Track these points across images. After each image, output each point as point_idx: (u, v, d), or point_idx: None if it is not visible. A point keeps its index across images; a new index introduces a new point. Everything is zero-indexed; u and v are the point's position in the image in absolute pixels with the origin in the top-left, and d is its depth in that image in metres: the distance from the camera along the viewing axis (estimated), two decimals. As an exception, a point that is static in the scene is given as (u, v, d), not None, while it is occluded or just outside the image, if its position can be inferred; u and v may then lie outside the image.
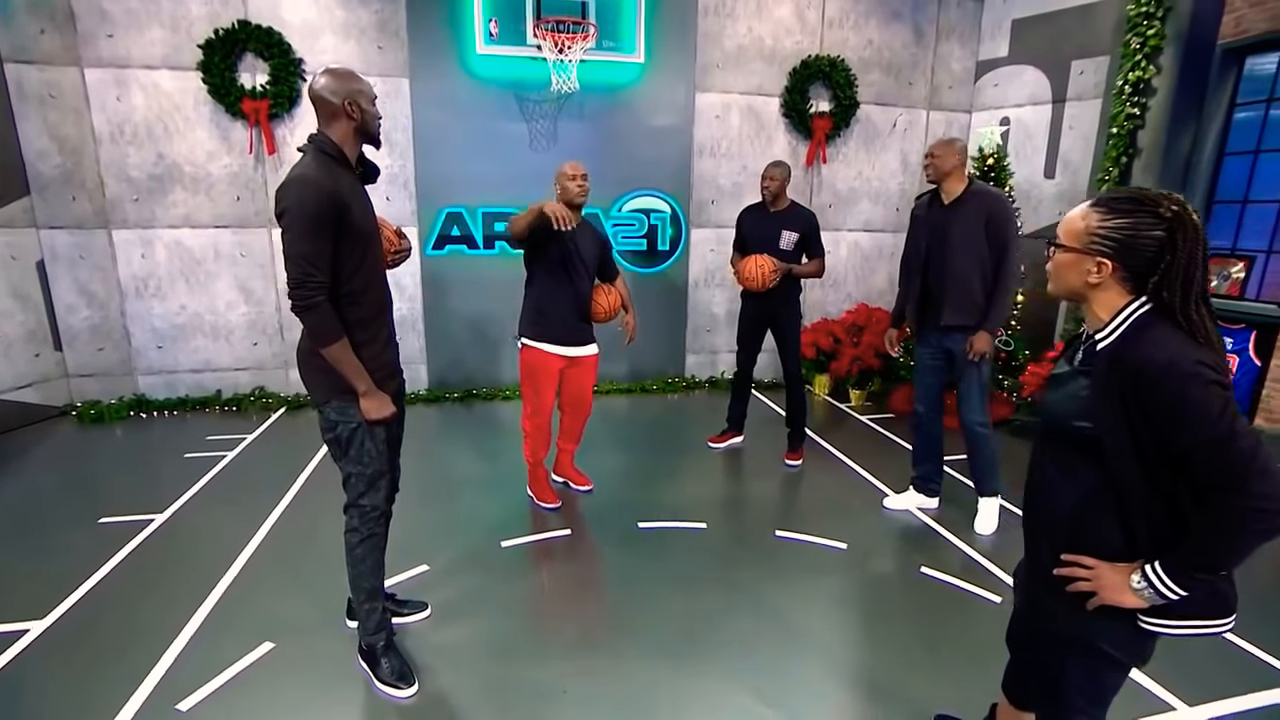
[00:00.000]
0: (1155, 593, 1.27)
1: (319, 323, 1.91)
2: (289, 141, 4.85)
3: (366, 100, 2.01)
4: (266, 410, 5.04)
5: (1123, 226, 1.28)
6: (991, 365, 3.21)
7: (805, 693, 2.27)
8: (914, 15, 5.83)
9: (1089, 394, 1.33)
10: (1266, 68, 4.63)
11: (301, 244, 1.86)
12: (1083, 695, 1.46)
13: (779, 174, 3.89)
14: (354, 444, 2.09)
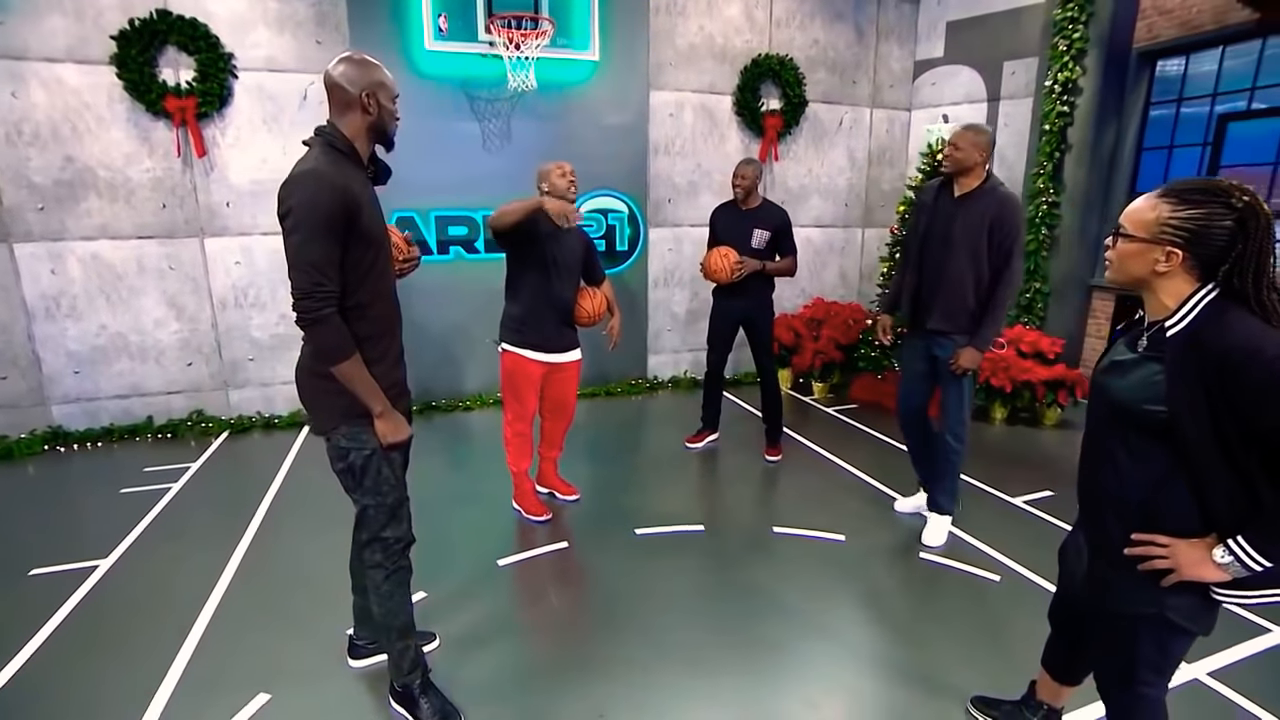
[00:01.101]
0: (1241, 565, 1.31)
1: (329, 337, 1.72)
2: (220, 144, 4.47)
3: (388, 96, 1.83)
4: (206, 435, 4.63)
5: (1196, 217, 1.31)
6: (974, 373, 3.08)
7: (842, 689, 2.26)
8: (855, 16, 6.00)
9: (1163, 379, 1.36)
10: (1176, 70, 5.03)
11: (310, 248, 1.66)
12: (1151, 668, 1.51)
13: (750, 172, 3.87)
14: (369, 472, 1.90)
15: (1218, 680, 2.30)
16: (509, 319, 3.18)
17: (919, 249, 3.09)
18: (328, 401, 1.85)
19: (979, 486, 3.81)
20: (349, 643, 2.35)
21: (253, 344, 4.77)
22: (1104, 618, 1.57)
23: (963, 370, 2.97)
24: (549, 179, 3.13)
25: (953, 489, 3.23)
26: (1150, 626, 1.47)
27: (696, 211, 5.89)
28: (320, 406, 1.88)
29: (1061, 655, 1.89)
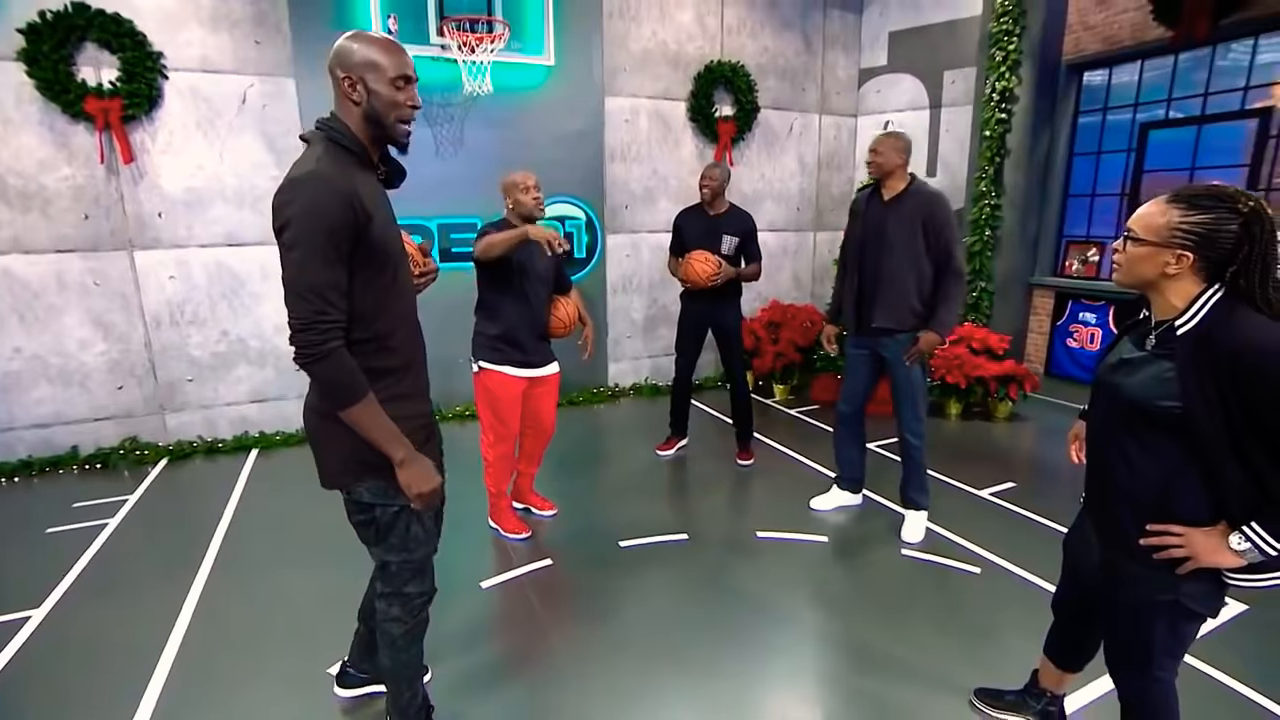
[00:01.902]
0: (1259, 551, 1.36)
1: (335, 376, 1.44)
2: (149, 149, 4.15)
3: (382, 79, 1.49)
4: (141, 464, 4.28)
5: (1205, 221, 1.36)
6: (925, 369, 3.19)
7: (842, 689, 2.26)
8: (803, 25, 6.14)
9: (1175, 376, 1.41)
10: (1101, 81, 5.36)
11: (311, 270, 1.39)
12: (1166, 652, 1.56)
13: (718, 174, 3.87)
14: (396, 530, 1.68)
15: (1197, 659, 2.41)
16: (485, 337, 3.05)
17: (859, 254, 3.20)
18: (344, 451, 1.57)
19: (947, 481, 3.92)
20: (340, 669, 2.20)
21: (191, 364, 4.44)
22: (1120, 606, 1.62)
23: (918, 354, 3.06)
24: (510, 192, 3.02)
25: (922, 483, 3.31)
26: (1166, 613, 1.52)
27: (653, 217, 5.88)
28: (334, 455, 1.60)
29: (1065, 644, 1.94)
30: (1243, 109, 4.56)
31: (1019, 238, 5.57)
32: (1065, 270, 5.60)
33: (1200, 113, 4.78)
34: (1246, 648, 2.47)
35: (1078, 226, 5.57)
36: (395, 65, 1.51)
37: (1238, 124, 4.59)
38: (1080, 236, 5.54)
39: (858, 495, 3.65)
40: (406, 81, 1.53)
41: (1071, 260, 5.55)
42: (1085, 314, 5.40)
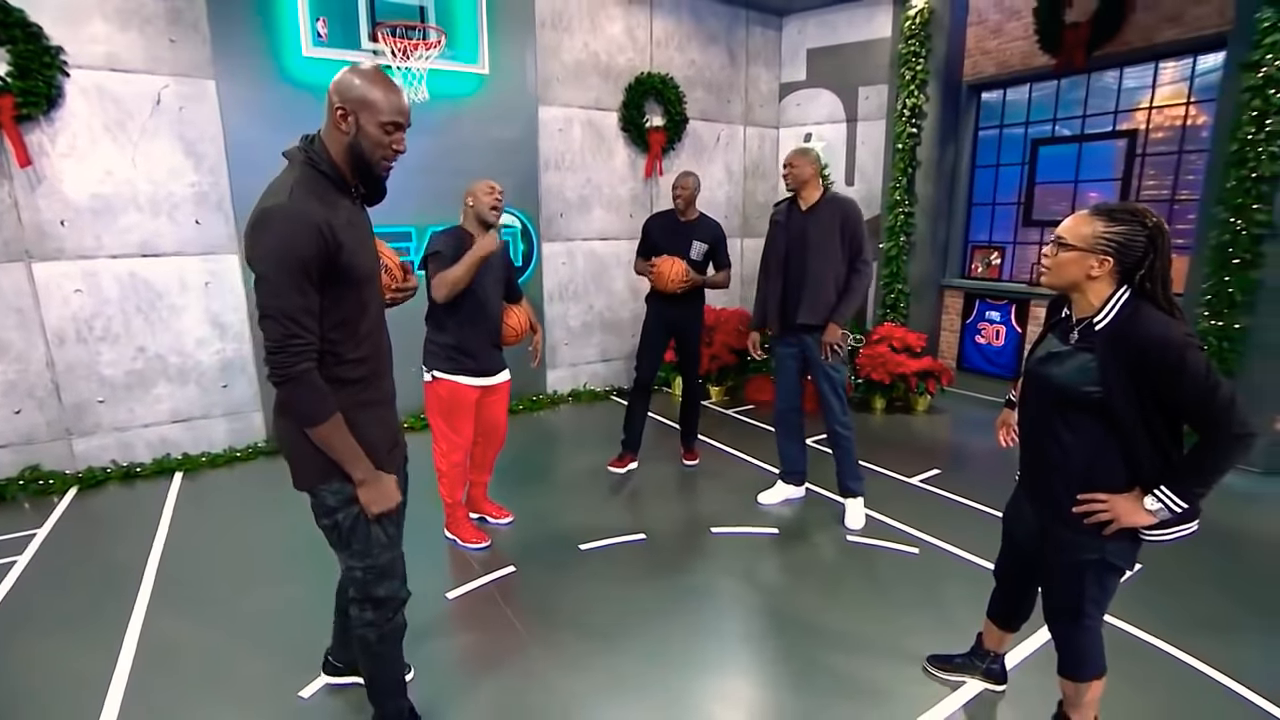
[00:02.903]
0: (1168, 510, 1.60)
1: (304, 397, 1.52)
2: (48, 151, 3.83)
3: (372, 119, 1.54)
4: (46, 495, 3.92)
5: (1122, 232, 1.60)
6: (846, 363, 3.45)
7: (804, 666, 2.41)
8: (727, 39, 6.39)
9: (1095, 365, 1.63)
10: (997, 100, 5.89)
11: (284, 296, 1.46)
12: (1095, 603, 1.80)
13: (691, 183, 3.92)
14: (358, 535, 1.71)
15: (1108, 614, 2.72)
16: (439, 347, 3.03)
17: (783, 260, 3.45)
18: (311, 455, 1.63)
19: (880, 471, 4.19)
20: (324, 659, 2.22)
21: (103, 383, 4.12)
22: (1054, 566, 1.83)
23: (828, 345, 3.32)
24: (473, 198, 3.03)
25: (856, 471, 3.55)
26: (1094, 569, 1.75)
27: (588, 225, 5.95)
28: (302, 460, 1.65)
29: (1005, 606, 2.16)
30: (1114, 130, 5.14)
31: (930, 243, 6.02)
32: (972, 272, 6.10)
33: (1080, 131, 5.34)
34: (1145, 599, 2.81)
35: (981, 232, 6.08)
36: (388, 109, 1.56)
37: (1110, 143, 5.16)
38: (984, 241, 6.05)
39: (800, 488, 3.85)
40: (396, 127, 1.59)
41: (977, 263, 6.05)
42: (991, 313, 5.90)
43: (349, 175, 1.61)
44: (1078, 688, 1.89)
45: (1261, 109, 3.91)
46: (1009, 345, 5.78)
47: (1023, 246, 5.82)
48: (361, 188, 1.67)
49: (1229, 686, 2.32)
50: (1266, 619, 2.73)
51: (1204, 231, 4.34)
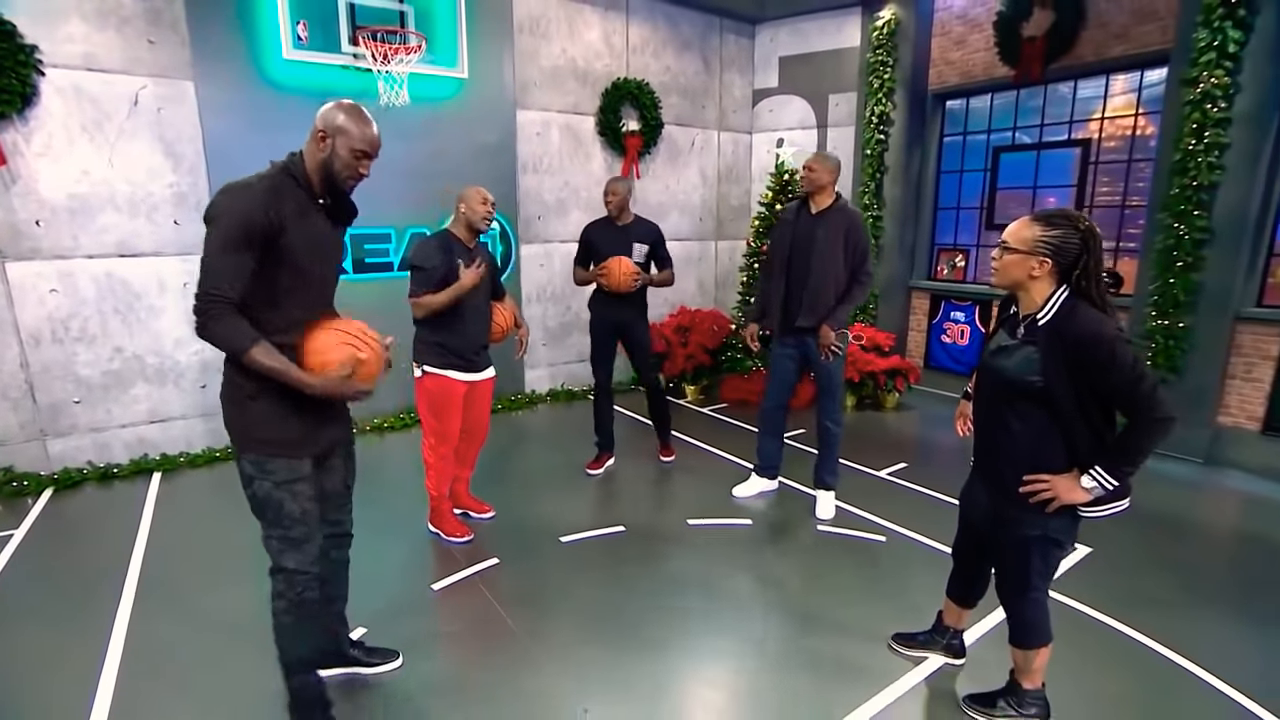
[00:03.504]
0: (1101, 487, 1.76)
1: (224, 332, 1.70)
2: (23, 150, 3.81)
3: (346, 145, 1.83)
4: (21, 496, 3.89)
5: (1058, 235, 1.76)
6: (844, 363, 3.60)
7: (779, 647, 2.54)
8: (701, 47, 6.54)
9: (1038, 358, 1.78)
10: (961, 108, 6.12)
11: (217, 256, 1.69)
12: (1040, 576, 1.96)
13: (622, 189, 3.95)
14: (271, 505, 1.87)
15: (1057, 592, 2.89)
16: (429, 344, 3.11)
17: (786, 259, 3.54)
18: (236, 421, 1.85)
19: (850, 465, 4.35)
20: None
21: (79, 384, 4.10)
22: (1005, 544, 1.99)
23: (825, 347, 3.44)
24: (466, 204, 3.12)
25: (834, 467, 3.71)
26: (1039, 544, 1.91)
27: (566, 228, 6.04)
28: (232, 426, 1.87)
29: (962, 584, 2.32)
30: (1069, 139, 5.39)
31: (898, 246, 6.23)
32: (938, 274, 6.32)
33: (1039, 140, 5.59)
34: (1095, 580, 2.99)
35: (946, 235, 6.31)
36: (363, 140, 1.85)
37: (1067, 151, 5.41)
38: (949, 244, 6.28)
39: (774, 481, 3.98)
40: (364, 155, 1.87)
41: (942, 265, 6.27)
42: (956, 313, 6.12)
43: (317, 186, 1.88)
44: (1026, 655, 2.05)
45: (1200, 121, 4.17)
46: (973, 344, 6.01)
47: (986, 249, 6.05)
48: (328, 199, 1.92)
49: (1167, 656, 2.50)
50: (1203, 596, 2.93)
51: (1150, 236, 4.60)
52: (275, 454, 1.86)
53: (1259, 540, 3.52)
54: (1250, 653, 2.55)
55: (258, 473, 1.85)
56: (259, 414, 1.84)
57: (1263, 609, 2.83)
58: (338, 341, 1.86)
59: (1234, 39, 3.99)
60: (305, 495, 1.90)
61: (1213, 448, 4.53)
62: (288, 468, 1.87)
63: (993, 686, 2.22)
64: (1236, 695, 2.30)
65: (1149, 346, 4.57)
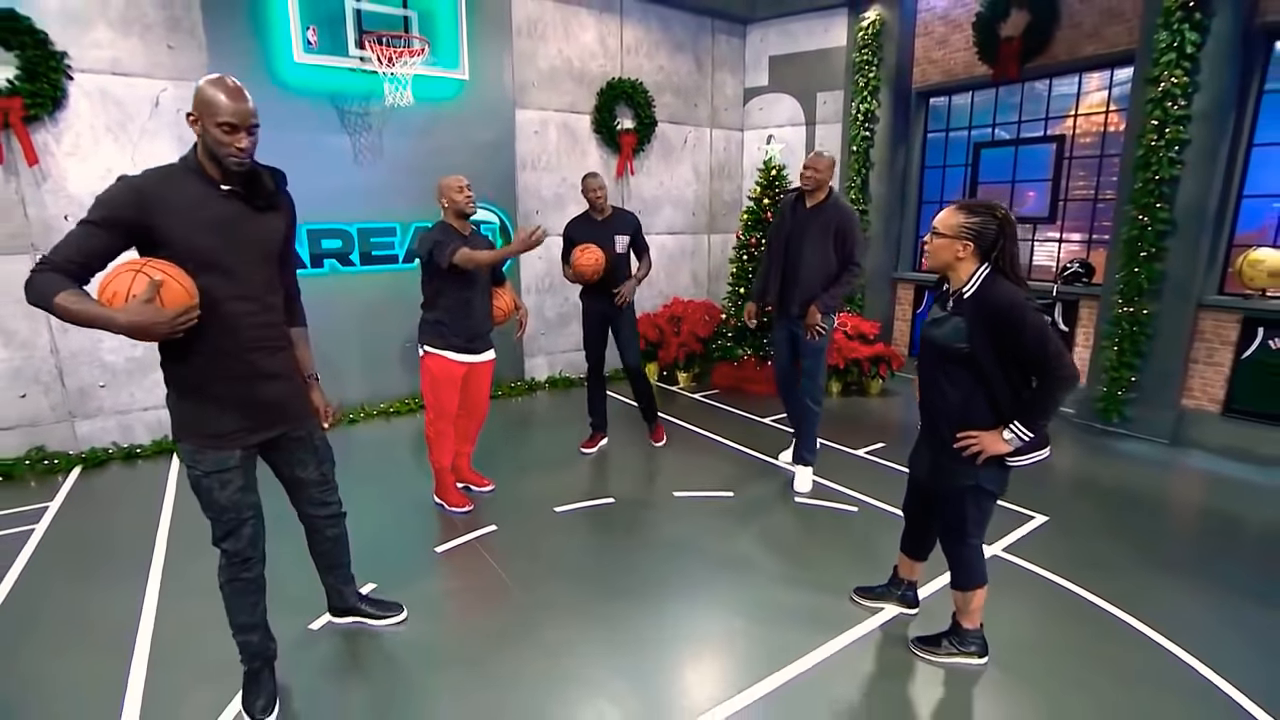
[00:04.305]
0: (1019, 439, 2.02)
1: (38, 288, 1.65)
2: (53, 150, 4.08)
3: (213, 121, 1.76)
4: (51, 473, 4.17)
5: (979, 222, 2.02)
6: (827, 345, 3.85)
7: (758, 599, 2.80)
8: (694, 47, 6.77)
9: (965, 327, 2.03)
10: (943, 105, 6.34)
11: (73, 232, 1.71)
12: (975, 524, 2.22)
13: (602, 182, 4.19)
14: (201, 492, 1.97)
15: (1010, 554, 3.16)
16: (433, 325, 3.36)
17: (784, 248, 3.80)
18: (171, 412, 1.94)
19: (830, 445, 4.60)
20: None
21: (104, 369, 4.37)
22: (944, 495, 2.24)
23: (809, 327, 3.68)
24: (445, 194, 3.34)
25: (813, 444, 3.96)
26: (973, 494, 2.17)
27: (563, 222, 6.10)
28: (171, 415, 1.95)
29: (912, 538, 2.58)
30: (1045, 135, 5.62)
31: (884, 239, 6.46)
32: (922, 266, 6.55)
33: (1017, 135, 5.82)
34: (1049, 546, 3.24)
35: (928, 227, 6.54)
36: (226, 110, 1.76)
37: (1044, 146, 5.63)
38: (931, 237, 6.51)
39: None
40: (233, 129, 1.78)
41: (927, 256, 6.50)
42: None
43: (210, 169, 1.85)
44: (965, 596, 2.30)
45: (1161, 118, 4.39)
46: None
47: (967, 242, 6.27)
48: (235, 186, 1.88)
49: (1110, 611, 2.75)
50: (1152, 562, 3.16)
51: (1117, 227, 4.82)
52: (203, 446, 1.92)
53: (1213, 514, 3.76)
54: (1191, 609, 2.77)
55: (189, 461, 1.93)
56: (188, 407, 1.92)
57: (1209, 573, 3.06)
58: (118, 273, 1.71)
59: (1191, 41, 4.21)
60: (234, 485, 1.97)
61: (1177, 428, 4.76)
62: (214, 459, 1.93)
63: (938, 628, 2.47)
64: (1172, 646, 2.53)
65: (1116, 333, 4.80)
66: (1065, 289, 5.45)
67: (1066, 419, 5.28)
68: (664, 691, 2.29)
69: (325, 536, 2.39)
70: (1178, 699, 2.26)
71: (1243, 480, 4.13)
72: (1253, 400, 4.56)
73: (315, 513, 2.33)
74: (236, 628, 2.16)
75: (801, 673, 2.37)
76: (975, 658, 2.37)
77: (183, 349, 1.86)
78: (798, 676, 2.35)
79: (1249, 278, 4.43)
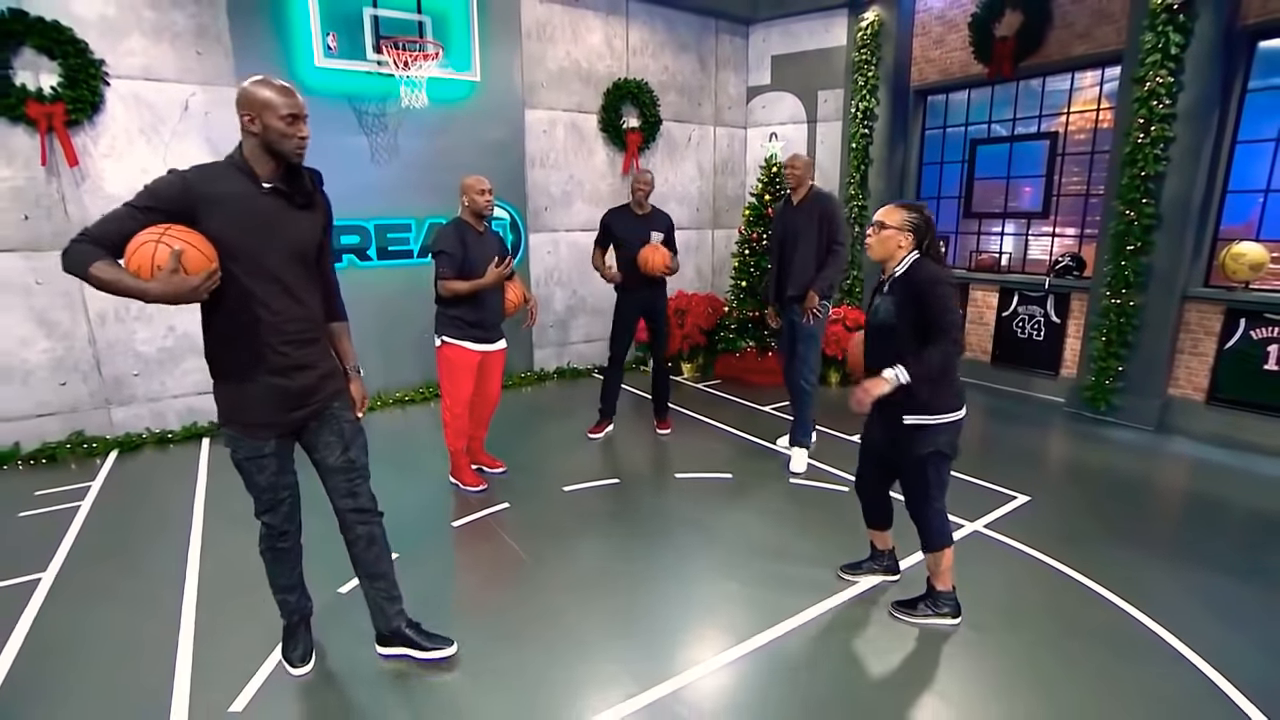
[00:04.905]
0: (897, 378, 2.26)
1: (73, 258, 1.73)
2: (91, 152, 4.33)
3: (274, 115, 1.87)
4: (91, 456, 4.43)
5: (914, 218, 2.34)
6: (823, 329, 4.09)
7: (754, 570, 3.01)
8: (698, 47, 6.96)
9: (895, 303, 2.30)
10: (940, 103, 6.51)
11: (116, 209, 1.80)
12: (937, 486, 2.45)
13: (649, 179, 4.46)
14: (243, 473, 2.15)
15: (991, 530, 3.36)
16: (450, 316, 3.58)
17: (780, 247, 4.15)
18: (217, 399, 2.07)
19: (827, 431, 4.81)
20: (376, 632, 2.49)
21: (138, 358, 4.64)
22: (905, 465, 2.47)
23: (807, 310, 3.96)
24: (467, 193, 3.57)
25: (807, 427, 4.18)
26: (932, 459, 2.40)
27: (571, 217, 6.51)
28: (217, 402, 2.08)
29: (872, 512, 2.82)
30: (1039, 132, 5.78)
31: (881, 234, 6.64)
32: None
33: (1011, 133, 5.98)
34: (1030, 524, 3.44)
35: (927, 224, 6.73)
36: (283, 104, 1.88)
37: (1037, 143, 5.79)
38: (929, 232, 6.69)
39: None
40: (295, 119, 1.90)
41: (923, 252, 6.68)
42: (934, 296, 6.54)
43: (262, 171, 1.94)
44: (936, 558, 2.52)
45: (1147, 117, 4.56)
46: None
47: (965, 236, 6.46)
48: (279, 184, 1.97)
49: (1082, 581, 2.94)
50: (1126, 538, 3.35)
51: (1106, 222, 4.99)
52: (241, 433, 2.07)
53: (1192, 496, 3.95)
54: (1161, 581, 2.96)
55: (230, 445, 2.10)
56: (228, 396, 2.05)
57: (1183, 550, 3.24)
58: (140, 244, 1.77)
59: (1175, 42, 4.37)
60: (270, 469, 2.13)
61: (1163, 416, 4.93)
62: (251, 446, 2.08)
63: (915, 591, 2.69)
64: (1139, 615, 2.73)
65: (1103, 324, 4.98)
66: (1057, 282, 5.62)
67: (1055, 407, 5.47)
68: (663, 647, 2.51)
69: (356, 534, 2.29)
70: (1140, 659, 2.45)
71: (1223, 465, 4.31)
72: (1235, 389, 4.73)
73: (343, 505, 2.25)
74: (276, 588, 2.36)
75: (790, 630, 2.59)
76: (949, 618, 2.59)
77: (223, 342, 1.98)
78: (787, 634, 2.57)
79: (1232, 270, 4.59)
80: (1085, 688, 2.30)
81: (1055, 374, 5.77)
